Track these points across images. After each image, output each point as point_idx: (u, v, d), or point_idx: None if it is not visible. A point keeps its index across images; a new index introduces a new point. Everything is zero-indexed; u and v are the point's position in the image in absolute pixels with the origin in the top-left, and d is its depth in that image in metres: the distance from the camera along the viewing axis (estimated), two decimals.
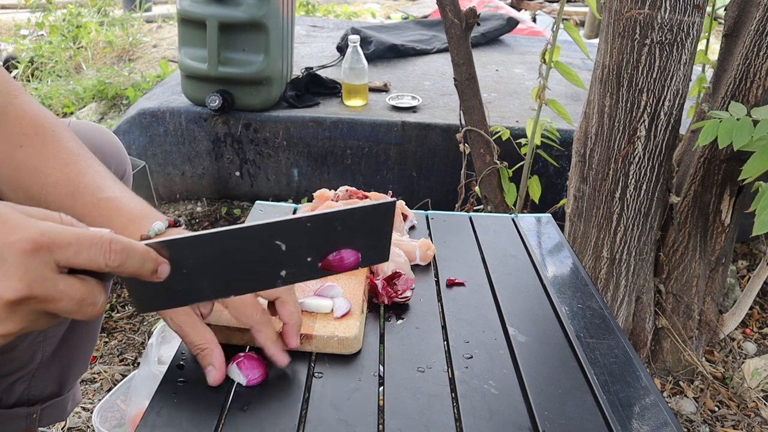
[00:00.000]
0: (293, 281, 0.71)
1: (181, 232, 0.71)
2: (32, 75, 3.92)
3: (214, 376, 0.70)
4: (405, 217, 1.13)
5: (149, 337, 1.80)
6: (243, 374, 0.71)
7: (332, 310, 0.82)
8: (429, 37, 3.25)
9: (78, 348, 1.12)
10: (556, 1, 6.50)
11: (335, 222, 0.68)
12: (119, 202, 0.76)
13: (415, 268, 0.99)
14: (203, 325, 0.71)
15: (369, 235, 0.71)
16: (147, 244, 0.58)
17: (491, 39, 3.38)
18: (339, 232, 0.68)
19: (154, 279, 0.58)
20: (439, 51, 3.14)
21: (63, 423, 1.50)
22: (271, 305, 0.77)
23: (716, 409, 1.68)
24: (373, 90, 2.52)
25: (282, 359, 0.73)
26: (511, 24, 3.42)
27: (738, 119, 1.28)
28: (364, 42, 2.87)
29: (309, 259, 0.69)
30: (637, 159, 1.53)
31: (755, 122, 1.26)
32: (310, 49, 3.16)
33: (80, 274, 0.54)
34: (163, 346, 1.41)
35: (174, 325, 0.71)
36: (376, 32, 3.13)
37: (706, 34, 1.69)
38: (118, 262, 0.54)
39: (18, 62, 3.92)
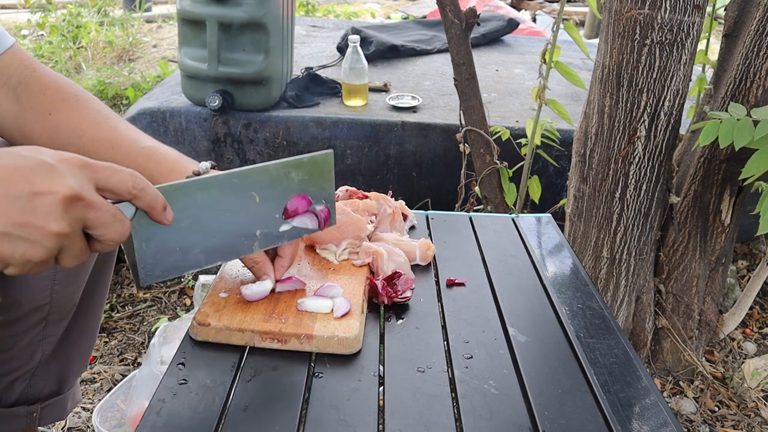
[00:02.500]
0: (267, 244, 0.80)
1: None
2: None
3: (267, 285, 0.82)
4: (405, 217, 1.12)
5: (149, 338, 1.80)
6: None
7: (332, 310, 0.82)
8: (429, 37, 3.24)
9: (77, 347, 1.12)
10: (556, 1, 6.50)
11: (290, 169, 0.79)
12: (159, 149, 0.86)
13: (415, 268, 0.99)
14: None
15: (316, 182, 0.82)
16: None
17: (492, 40, 3.38)
18: (293, 181, 0.79)
19: (163, 219, 0.66)
20: (440, 51, 3.14)
21: (63, 423, 1.50)
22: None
23: (716, 409, 1.68)
24: (373, 90, 2.51)
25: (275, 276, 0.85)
26: (512, 25, 3.42)
27: (738, 120, 1.28)
28: (365, 42, 2.87)
29: (276, 216, 0.79)
30: (637, 159, 1.53)
31: (755, 122, 1.26)
32: (310, 49, 3.16)
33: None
34: (164, 346, 1.41)
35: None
36: (377, 32, 3.13)
37: (706, 34, 1.69)
38: (141, 186, 0.63)
39: None
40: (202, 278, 1.69)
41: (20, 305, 0.96)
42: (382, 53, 2.94)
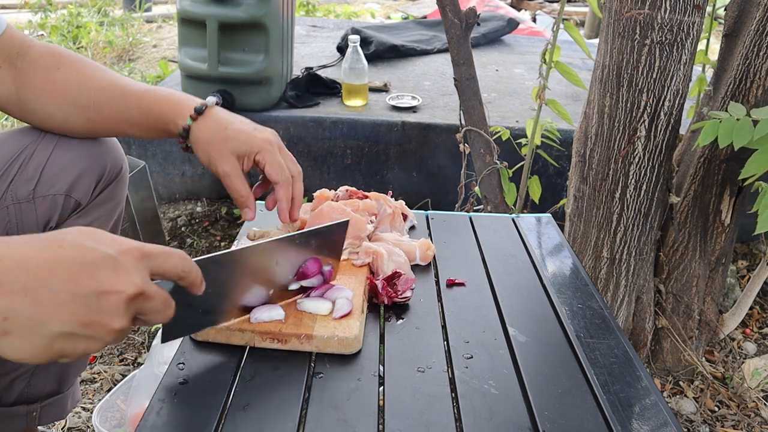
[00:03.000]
0: (275, 300, 0.82)
1: (228, 114, 0.91)
2: None
3: (249, 215, 0.90)
4: (405, 217, 1.12)
5: (149, 338, 1.80)
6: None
7: (332, 310, 0.82)
8: (429, 37, 3.24)
9: None
10: (556, 1, 6.50)
11: (311, 238, 0.83)
12: (163, 90, 0.93)
13: (415, 268, 0.99)
14: (243, 178, 0.89)
15: (329, 246, 0.86)
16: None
17: (492, 40, 3.38)
18: (312, 248, 0.83)
19: (198, 292, 0.66)
20: (440, 51, 3.14)
21: (63, 423, 1.50)
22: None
23: (716, 409, 1.68)
24: (373, 90, 2.51)
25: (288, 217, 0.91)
26: (512, 25, 3.42)
27: (737, 119, 1.28)
28: (365, 42, 2.87)
29: (289, 277, 0.82)
30: (637, 159, 1.53)
31: (755, 122, 1.26)
32: (310, 49, 3.16)
33: None
34: (166, 346, 1.41)
35: (222, 172, 0.88)
36: (377, 32, 3.13)
37: (706, 34, 1.69)
38: (189, 268, 0.63)
39: None
40: None
41: None
42: (382, 53, 2.94)
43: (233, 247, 0.84)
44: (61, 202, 0.94)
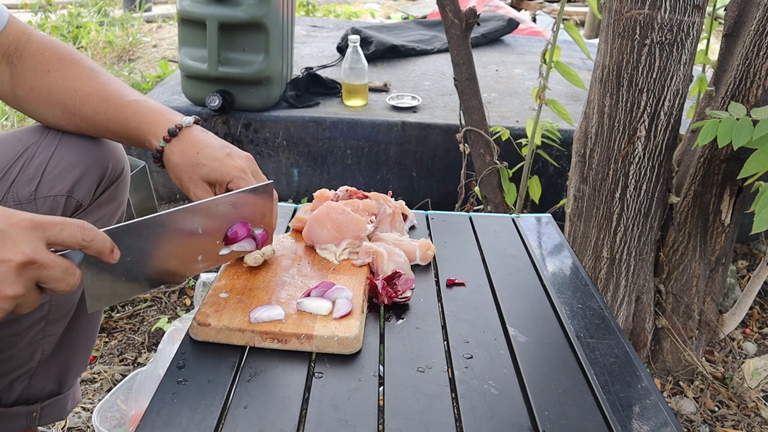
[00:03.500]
0: (205, 267, 0.84)
1: (203, 136, 0.90)
2: None
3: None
4: (405, 217, 1.12)
5: (149, 338, 1.80)
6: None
7: (331, 310, 0.82)
8: (429, 37, 3.24)
9: (77, 346, 1.12)
10: (556, 1, 6.50)
11: (235, 202, 0.83)
12: (145, 103, 0.93)
13: (415, 268, 0.99)
14: (262, 176, 0.90)
15: (258, 210, 0.86)
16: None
17: (492, 40, 3.38)
18: (236, 212, 0.83)
19: (111, 260, 0.70)
20: (440, 51, 3.14)
21: (63, 423, 1.50)
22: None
23: (716, 409, 1.68)
24: (373, 90, 2.51)
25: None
26: (512, 25, 3.42)
27: (737, 119, 1.28)
28: (365, 42, 2.87)
29: (217, 242, 0.83)
30: (637, 159, 1.53)
31: (755, 122, 1.26)
32: (310, 49, 3.16)
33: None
34: (174, 346, 1.41)
35: (193, 197, 0.87)
36: (377, 32, 3.13)
37: (706, 34, 1.69)
38: (90, 237, 0.66)
39: None
40: (203, 277, 1.69)
41: None
42: (382, 53, 2.94)
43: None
44: (63, 203, 0.94)
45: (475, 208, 1.94)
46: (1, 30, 0.94)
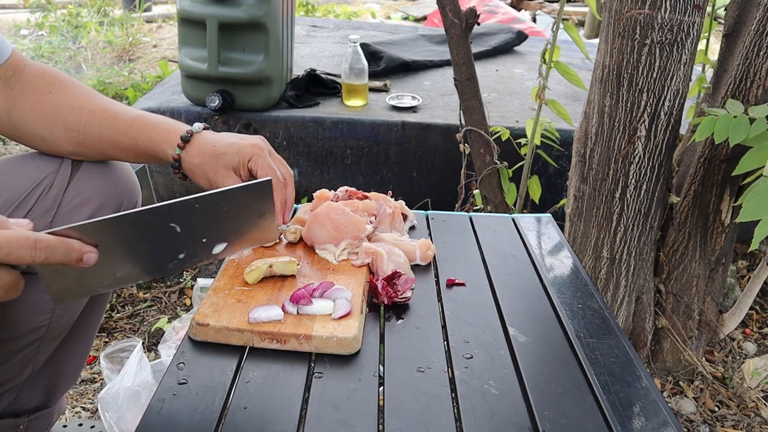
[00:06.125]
0: (191, 264, 0.81)
1: (215, 134, 0.90)
2: None
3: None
4: (405, 217, 1.12)
5: (149, 338, 1.80)
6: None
7: (331, 311, 0.82)
8: (440, 52, 3.20)
9: (69, 362, 1.12)
10: (556, 1, 6.50)
11: (220, 202, 0.77)
12: (152, 116, 0.95)
13: (415, 268, 0.99)
14: (277, 156, 0.91)
15: (253, 215, 0.82)
16: (56, 232, 0.66)
17: (501, 52, 3.32)
18: (226, 212, 0.79)
19: (81, 265, 0.66)
20: (448, 63, 3.08)
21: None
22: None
23: (716, 409, 1.68)
24: (373, 90, 2.51)
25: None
26: (521, 37, 3.36)
27: (735, 116, 1.28)
28: (374, 58, 2.83)
29: (204, 240, 0.79)
30: (637, 159, 1.53)
31: (752, 120, 1.26)
32: (310, 49, 3.16)
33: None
34: (138, 359, 1.42)
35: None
36: (386, 48, 3.07)
37: (706, 34, 1.69)
38: (44, 257, 0.63)
39: None
40: (201, 280, 1.69)
41: (19, 326, 0.96)
42: (393, 70, 2.88)
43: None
44: None
45: (475, 208, 1.94)
46: (2, 63, 0.95)
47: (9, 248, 0.62)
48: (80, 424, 1.39)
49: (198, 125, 0.93)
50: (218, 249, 0.82)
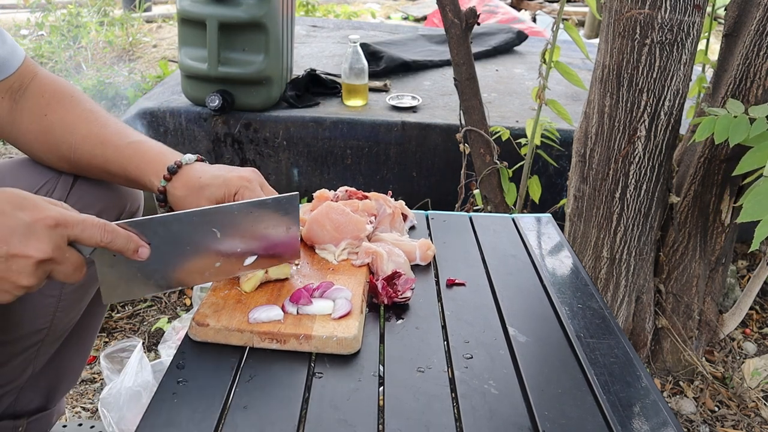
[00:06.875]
0: (223, 275, 0.84)
1: (205, 166, 0.88)
2: None
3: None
4: (405, 217, 1.12)
5: (149, 338, 1.80)
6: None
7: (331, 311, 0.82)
8: (440, 52, 3.21)
9: (68, 364, 1.12)
10: (556, 1, 6.50)
11: (254, 210, 0.82)
12: (145, 143, 0.91)
13: (415, 268, 0.99)
14: (270, 188, 0.88)
15: (281, 228, 0.85)
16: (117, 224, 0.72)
17: (501, 52, 3.33)
18: (259, 223, 0.82)
19: (135, 257, 0.72)
20: (448, 63, 3.09)
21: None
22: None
23: (716, 409, 1.68)
24: (373, 90, 2.51)
25: None
26: (521, 37, 3.37)
27: (735, 116, 1.28)
28: (374, 58, 2.83)
29: (239, 249, 0.82)
30: (637, 159, 1.53)
31: (752, 120, 1.26)
32: (310, 49, 3.16)
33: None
34: (139, 358, 1.42)
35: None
36: (386, 48, 3.08)
37: (706, 34, 1.69)
38: (110, 239, 0.69)
39: None
40: None
41: (20, 328, 0.96)
42: (393, 70, 2.88)
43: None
44: None
45: (475, 208, 1.93)
46: (14, 71, 0.94)
47: (84, 226, 0.68)
48: (80, 424, 1.39)
49: (190, 156, 0.89)
50: (249, 261, 0.84)
